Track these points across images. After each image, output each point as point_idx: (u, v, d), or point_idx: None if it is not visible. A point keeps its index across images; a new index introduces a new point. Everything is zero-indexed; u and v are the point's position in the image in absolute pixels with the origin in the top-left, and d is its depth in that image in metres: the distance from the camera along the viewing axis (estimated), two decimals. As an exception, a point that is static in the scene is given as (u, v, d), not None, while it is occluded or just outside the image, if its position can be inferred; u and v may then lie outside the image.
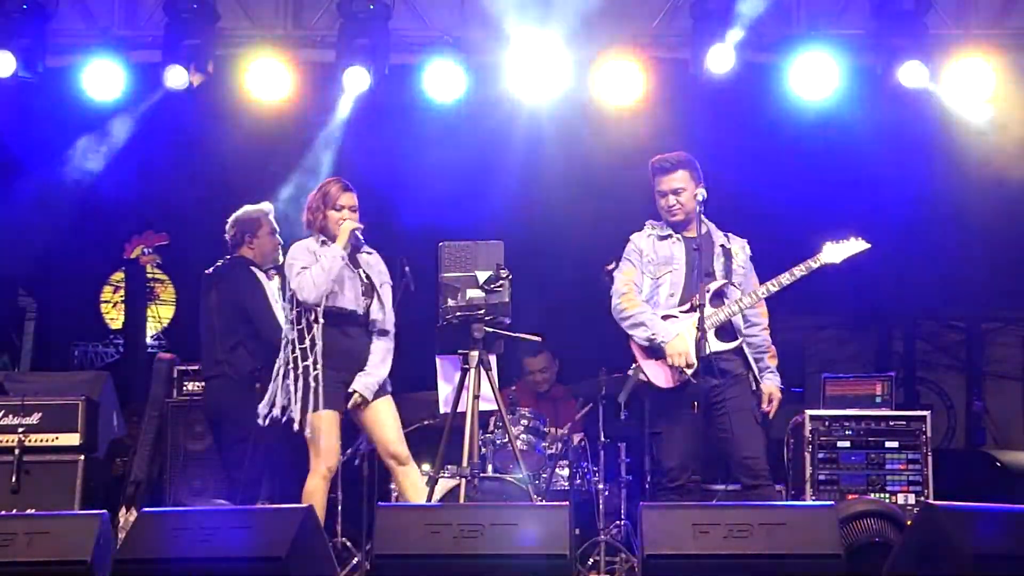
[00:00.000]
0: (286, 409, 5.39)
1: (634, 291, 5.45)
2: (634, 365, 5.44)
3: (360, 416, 5.54)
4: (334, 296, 5.46)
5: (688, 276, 5.39)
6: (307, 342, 5.43)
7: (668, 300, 5.40)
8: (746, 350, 5.40)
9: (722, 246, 5.49)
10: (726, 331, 5.35)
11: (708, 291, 5.28)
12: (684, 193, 5.44)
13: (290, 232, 6.32)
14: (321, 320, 5.43)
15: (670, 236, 5.49)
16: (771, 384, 5.43)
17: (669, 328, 5.32)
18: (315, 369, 5.40)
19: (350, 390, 5.46)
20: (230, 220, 6.32)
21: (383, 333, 5.61)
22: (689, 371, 5.23)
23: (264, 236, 6.27)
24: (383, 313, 5.59)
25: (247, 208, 6.32)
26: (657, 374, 5.36)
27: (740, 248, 5.56)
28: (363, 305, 5.54)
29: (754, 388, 5.39)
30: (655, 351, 5.34)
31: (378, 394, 5.52)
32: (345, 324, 5.51)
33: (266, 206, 6.36)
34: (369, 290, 5.58)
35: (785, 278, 5.37)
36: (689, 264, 5.40)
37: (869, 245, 5.43)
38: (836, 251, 5.41)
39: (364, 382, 5.48)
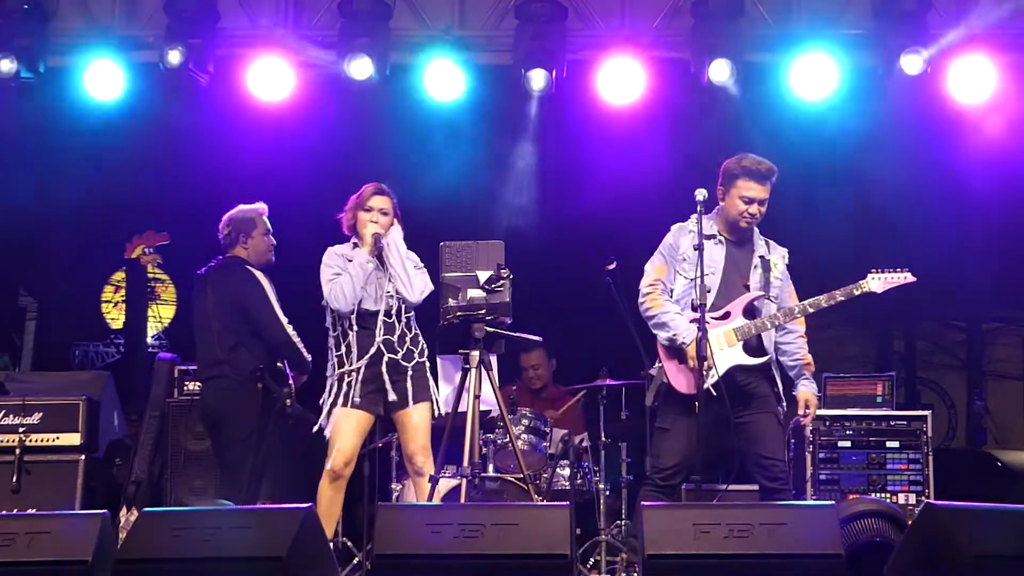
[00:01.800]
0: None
1: (659, 289, 5.37)
2: (658, 364, 5.38)
3: (395, 419, 5.65)
4: (362, 300, 5.58)
5: (723, 283, 5.29)
6: (343, 348, 5.59)
7: None
8: (772, 368, 5.33)
9: (761, 257, 5.39)
10: (754, 346, 5.29)
11: (743, 304, 5.24)
12: (764, 206, 5.32)
13: (282, 232, 6.33)
14: (356, 327, 5.57)
15: (714, 237, 5.34)
16: (807, 390, 5.35)
17: (692, 329, 5.18)
18: (353, 373, 5.54)
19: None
20: (224, 219, 6.31)
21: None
22: (708, 375, 5.11)
23: (258, 236, 6.26)
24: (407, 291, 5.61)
25: (242, 208, 6.31)
26: (677, 378, 5.28)
27: (780, 258, 5.45)
28: (385, 302, 5.59)
29: (778, 402, 5.33)
30: (678, 352, 5.26)
31: (417, 398, 5.59)
32: (371, 326, 5.58)
33: (260, 206, 6.36)
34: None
35: (824, 300, 5.29)
36: (726, 270, 5.30)
37: (915, 279, 5.38)
38: (879, 281, 5.35)
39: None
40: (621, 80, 7.21)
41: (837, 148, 7.65)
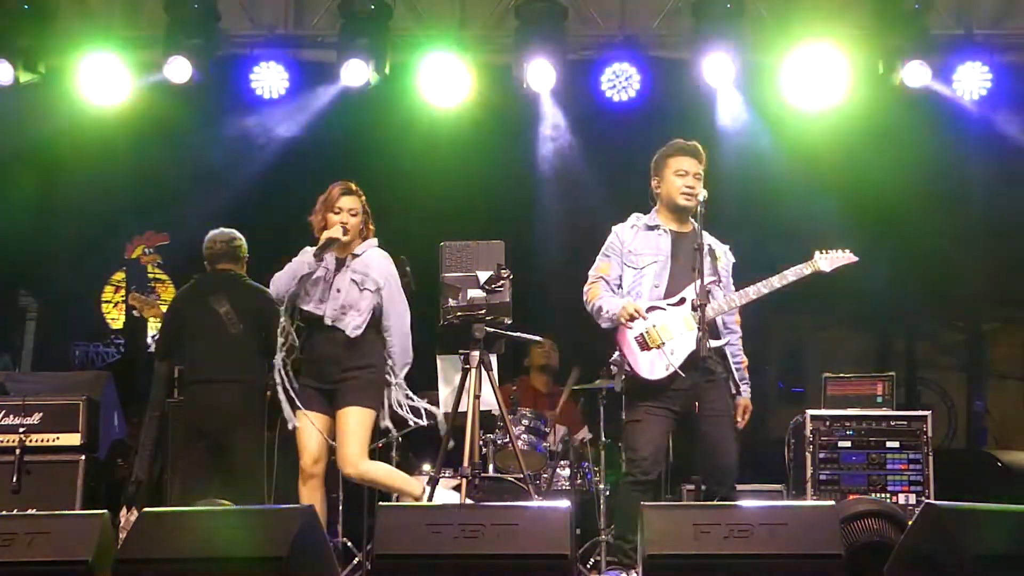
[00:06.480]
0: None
1: (599, 284, 5.40)
2: (617, 354, 5.39)
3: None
4: (300, 299, 5.49)
5: (673, 269, 5.33)
6: (287, 345, 5.54)
7: (652, 291, 5.33)
8: (728, 353, 5.37)
9: (709, 246, 5.42)
10: (713, 330, 5.31)
11: (694, 288, 5.22)
12: (701, 181, 5.38)
13: (281, 233, 6.36)
14: (293, 323, 5.52)
15: (657, 228, 5.42)
16: (746, 398, 5.40)
17: (614, 299, 5.30)
18: (288, 368, 5.49)
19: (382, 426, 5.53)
20: (234, 234, 6.44)
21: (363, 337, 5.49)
22: (636, 323, 5.20)
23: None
24: (359, 318, 5.44)
25: (232, 230, 6.47)
26: (647, 367, 5.27)
27: (723, 253, 5.52)
28: (330, 313, 5.45)
29: (733, 392, 5.35)
30: (643, 343, 5.27)
31: (347, 401, 5.41)
32: (313, 330, 5.52)
33: None
34: (344, 296, 5.46)
35: (776, 280, 5.32)
36: (674, 257, 5.34)
37: (857, 258, 5.42)
38: (827, 260, 5.38)
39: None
40: (620, 80, 7.21)
41: (837, 148, 7.65)
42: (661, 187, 5.43)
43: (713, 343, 5.28)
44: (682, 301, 5.28)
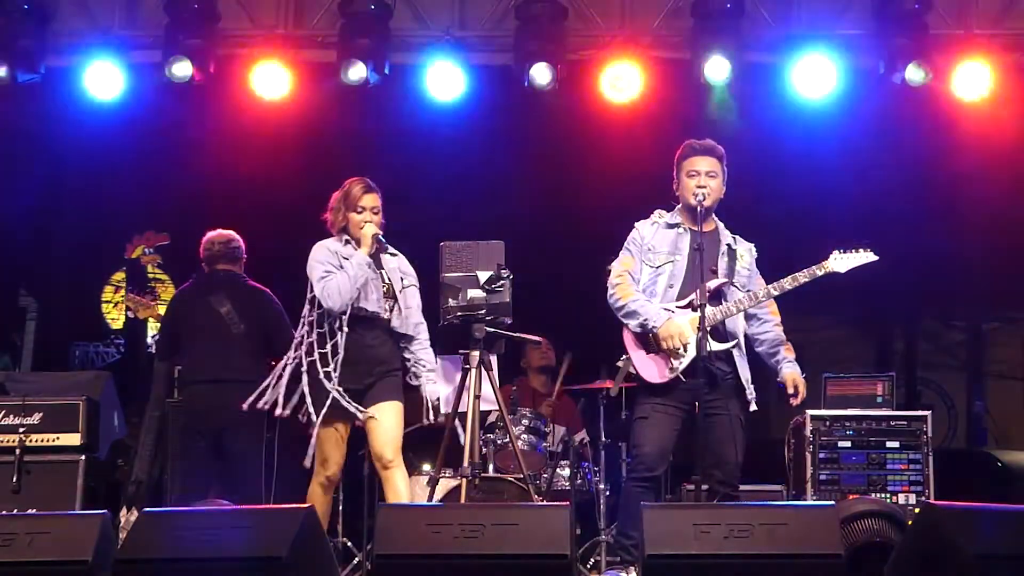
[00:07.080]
0: (298, 410, 5.38)
1: (628, 280, 5.37)
2: (624, 356, 5.38)
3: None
4: (358, 299, 5.39)
5: (689, 270, 5.32)
6: (328, 347, 5.36)
7: (667, 292, 5.33)
8: (735, 355, 5.34)
9: (728, 245, 5.45)
10: (720, 332, 5.31)
11: (708, 290, 5.24)
12: (715, 180, 5.37)
13: (281, 232, 6.37)
14: (345, 328, 5.35)
15: (678, 226, 5.42)
16: (792, 371, 5.37)
17: (660, 312, 5.25)
18: (333, 379, 5.33)
19: (435, 406, 5.54)
20: (231, 235, 6.47)
21: (406, 338, 5.56)
22: (682, 355, 5.18)
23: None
24: (401, 319, 5.51)
25: (230, 231, 6.51)
26: (648, 369, 5.29)
27: (746, 251, 5.51)
28: (385, 308, 5.48)
29: (742, 393, 5.34)
30: (647, 345, 5.28)
31: (387, 396, 5.42)
32: (366, 328, 5.44)
33: None
34: (390, 292, 5.51)
35: (788, 282, 5.32)
36: (691, 258, 5.33)
37: (877, 257, 5.40)
38: (843, 261, 5.36)
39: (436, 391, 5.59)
40: (621, 80, 7.21)
41: (837, 148, 7.65)
42: (679, 189, 5.46)
43: (720, 346, 5.28)
44: (692, 307, 5.25)
